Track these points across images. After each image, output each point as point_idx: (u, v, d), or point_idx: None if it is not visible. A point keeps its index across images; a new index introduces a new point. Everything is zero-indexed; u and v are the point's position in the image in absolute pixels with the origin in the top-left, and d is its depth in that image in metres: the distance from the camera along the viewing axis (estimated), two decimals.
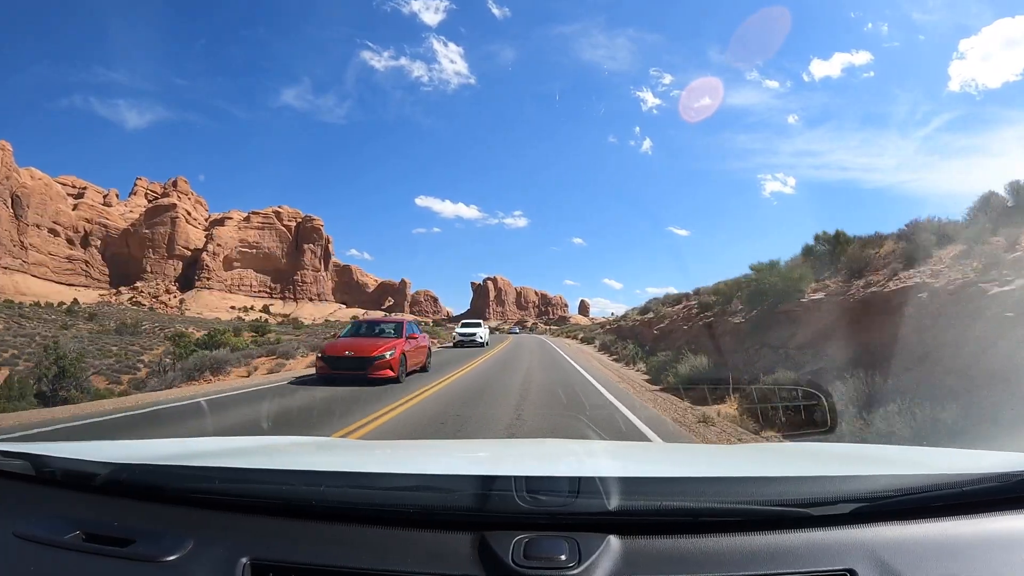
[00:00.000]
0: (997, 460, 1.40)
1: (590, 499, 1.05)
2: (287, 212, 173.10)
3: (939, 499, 1.10)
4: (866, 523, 1.06)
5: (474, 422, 6.83)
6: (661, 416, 7.70)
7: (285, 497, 1.14)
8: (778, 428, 6.43)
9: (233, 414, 7.45)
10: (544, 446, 2.58)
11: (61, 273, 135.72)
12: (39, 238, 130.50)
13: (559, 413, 7.52)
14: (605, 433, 5.96)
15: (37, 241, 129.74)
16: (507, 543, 1.00)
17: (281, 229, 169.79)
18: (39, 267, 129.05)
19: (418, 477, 1.24)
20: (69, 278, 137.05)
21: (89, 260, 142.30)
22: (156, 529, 1.10)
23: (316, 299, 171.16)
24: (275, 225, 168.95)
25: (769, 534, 1.04)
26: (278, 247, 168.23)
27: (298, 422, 6.96)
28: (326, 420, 6.86)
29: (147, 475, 1.22)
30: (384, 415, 7.12)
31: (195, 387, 12.74)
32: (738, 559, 1.00)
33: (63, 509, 1.18)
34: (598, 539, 1.02)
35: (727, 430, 6.69)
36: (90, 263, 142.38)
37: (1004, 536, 1.05)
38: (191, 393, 10.35)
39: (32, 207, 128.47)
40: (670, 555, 1.01)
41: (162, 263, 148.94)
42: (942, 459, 1.62)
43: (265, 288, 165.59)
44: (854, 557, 0.99)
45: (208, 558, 1.03)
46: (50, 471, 1.25)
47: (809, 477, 1.28)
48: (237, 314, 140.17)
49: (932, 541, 1.03)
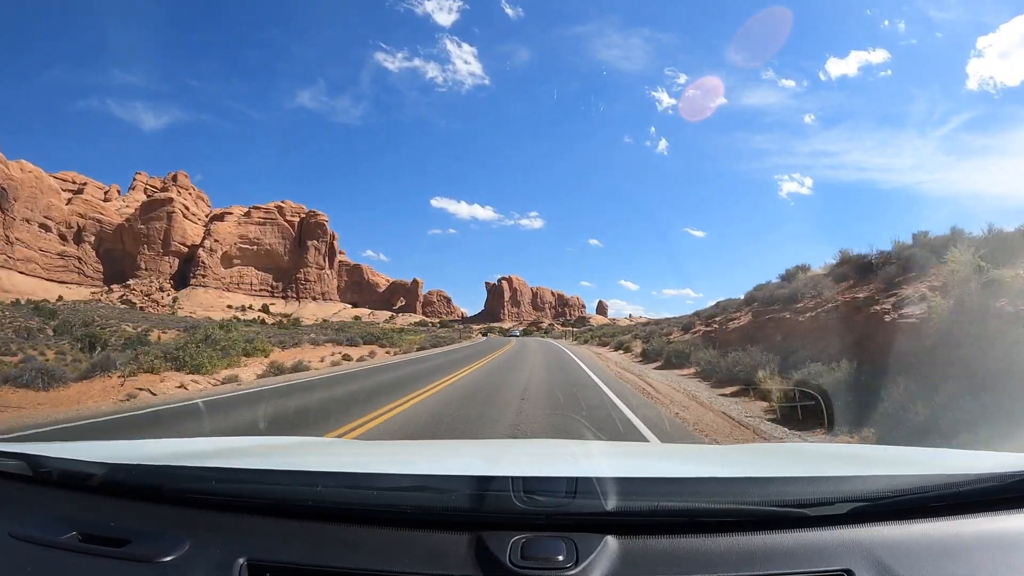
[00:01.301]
0: (994, 460, 1.40)
1: (587, 499, 1.05)
2: (290, 207, 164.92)
3: (936, 499, 1.10)
4: (864, 523, 1.06)
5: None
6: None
7: (282, 497, 1.14)
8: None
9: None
10: (542, 446, 2.59)
11: (52, 270, 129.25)
12: (28, 233, 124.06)
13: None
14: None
15: (26, 236, 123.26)
16: (504, 544, 1.00)
17: (284, 225, 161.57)
18: (27, 263, 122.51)
19: (415, 477, 1.23)
20: (60, 275, 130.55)
21: (82, 257, 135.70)
22: (153, 529, 1.09)
23: (320, 298, 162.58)
24: (277, 220, 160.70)
25: (767, 534, 1.04)
26: (280, 243, 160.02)
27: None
28: None
29: (144, 475, 1.22)
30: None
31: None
32: (736, 559, 1.00)
33: (59, 509, 1.17)
34: (596, 539, 1.01)
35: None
36: (83, 260, 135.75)
37: (1002, 536, 1.05)
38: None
39: (21, 200, 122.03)
40: (667, 555, 1.01)
41: (157, 260, 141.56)
42: (939, 459, 1.62)
43: (266, 287, 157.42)
44: (851, 557, 0.99)
45: (205, 558, 1.02)
46: (46, 471, 1.24)
47: (806, 477, 1.27)
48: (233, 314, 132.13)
49: (930, 541, 1.03)
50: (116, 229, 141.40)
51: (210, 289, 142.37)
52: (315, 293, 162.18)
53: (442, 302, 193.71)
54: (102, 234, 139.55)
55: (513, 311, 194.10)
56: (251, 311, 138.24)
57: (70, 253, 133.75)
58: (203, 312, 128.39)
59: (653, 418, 7.48)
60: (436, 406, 8.50)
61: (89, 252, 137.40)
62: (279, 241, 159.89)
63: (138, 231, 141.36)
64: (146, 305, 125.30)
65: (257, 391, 11.05)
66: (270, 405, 8.95)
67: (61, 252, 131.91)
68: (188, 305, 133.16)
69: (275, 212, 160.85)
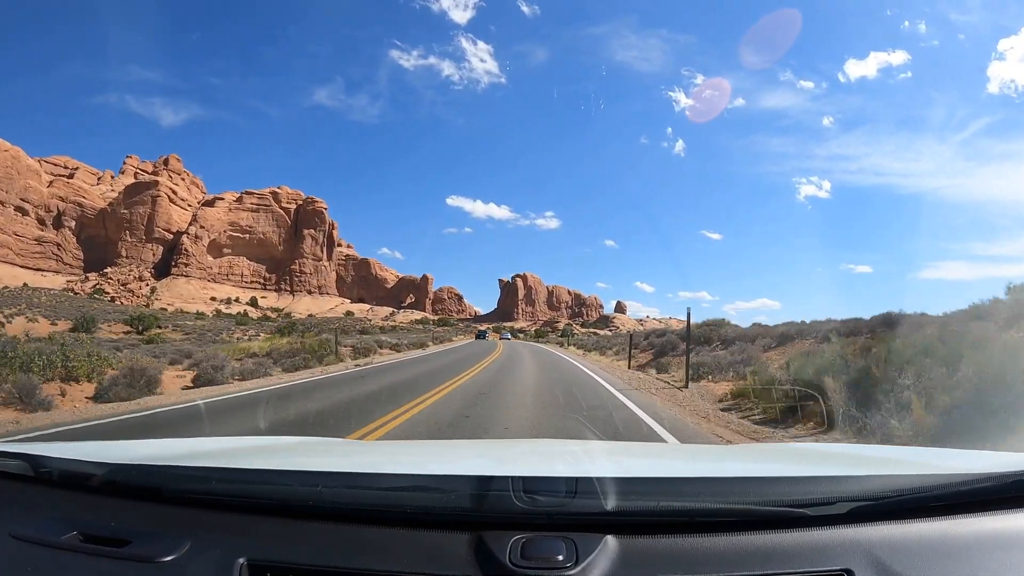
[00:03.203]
0: (994, 460, 1.40)
1: (587, 499, 1.04)
2: (286, 193, 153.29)
3: (936, 499, 1.09)
4: (863, 523, 1.05)
5: None
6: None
7: (282, 497, 1.14)
8: None
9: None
10: (542, 446, 2.54)
11: (28, 256, 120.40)
12: (2, 216, 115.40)
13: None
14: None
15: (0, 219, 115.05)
16: (504, 543, 1.00)
17: (279, 212, 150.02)
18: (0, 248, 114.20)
19: (415, 477, 1.22)
20: (37, 262, 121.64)
21: (62, 243, 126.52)
22: (153, 530, 1.09)
23: (316, 292, 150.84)
24: (272, 207, 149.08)
25: (766, 534, 1.03)
26: (275, 232, 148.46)
27: None
28: None
29: (144, 476, 1.22)
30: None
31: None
32: (735, 559, 1.00)
33: (60, 510, 1.17)
34: (596, 539, 1.01)
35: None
36: (63, 246, 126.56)
37: (1001, 536, 1.05)
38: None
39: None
40: (668, 555, 1.01)
41: (139, 247, 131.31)
42: (939, 459, 1.61)
43: (259, 278, 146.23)
44: (851, 557, 0.99)
45: (205, 558, 1.02)
46: (47, 471, 1.24)
47: (806, 477, 1.27)
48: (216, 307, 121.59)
49: (929, 541, 1.03)
50: (99, 214, 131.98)
51: (193, 279, 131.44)
52: (311, 286, 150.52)
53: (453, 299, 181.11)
54: (83, 219, 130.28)
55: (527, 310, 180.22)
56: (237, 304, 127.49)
57: (48, 239, 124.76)
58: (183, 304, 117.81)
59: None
60: None
61: (69, 238, 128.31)
62: (273, 229, 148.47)
63: (120, 216, 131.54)
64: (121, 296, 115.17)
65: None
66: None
67: (38, 237, 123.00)
68: (167, 296, 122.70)
69: (270, 198, 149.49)
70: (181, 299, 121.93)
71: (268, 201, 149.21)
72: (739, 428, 7.13)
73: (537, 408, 8.46)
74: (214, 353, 15.48)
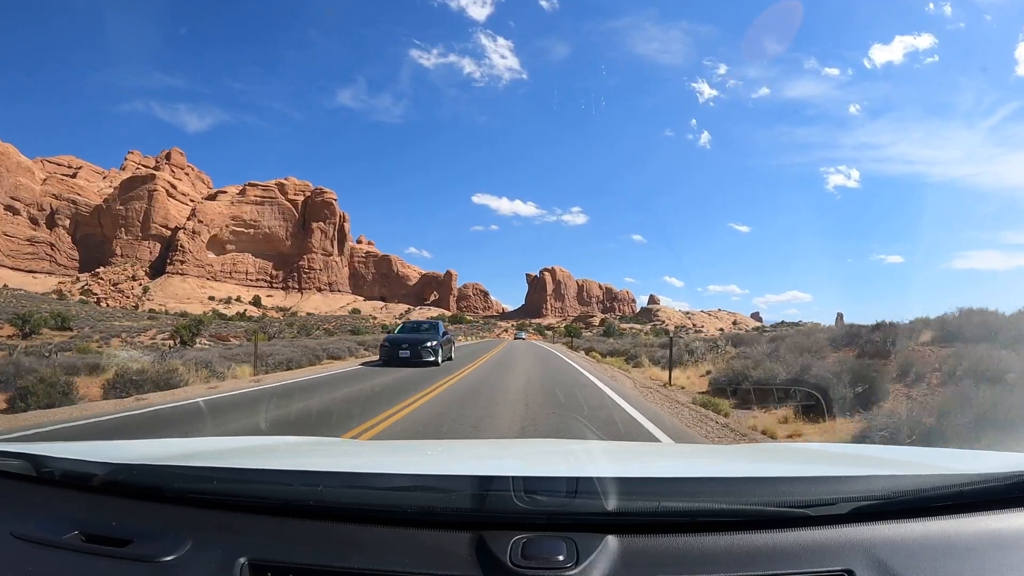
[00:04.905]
0: (996, 461, 1.40)
1: (588, 499, 1.04)
2: (293, 184, 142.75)
3: (938, 499, 1.09)
4: (865, 523, 1.05)
5: None
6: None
7: (283, 497, 1.14)
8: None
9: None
10: (542, 446, 2.55)
11: (19, 257, 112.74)
12: None
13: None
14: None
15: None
16: (505, 543, 1.00)
17: (285, 205, 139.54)
18: None
19: (415, 477, 1.23)
20: (29, 263, 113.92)
21: (55, 242, 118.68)
22: (154, 529, 1.09)
23: (327, 289, 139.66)
24: (278, 200, 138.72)
25: (767, 534, 1.03)
26: (281, 226, 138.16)
27: None
28: None
29: (145, 475, 1.22)
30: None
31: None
32: (736, 559, 1.00)
33: (61, 509, 1.17)
34: (596, 539, 1.01)
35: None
36: (56, 246, 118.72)
37: (1002, 536, 1.05)
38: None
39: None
40: (668, 555, 1.01)
41: (135, 245, 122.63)
42: (940, 459, 1.60)
43: (265, 276, 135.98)
44: (852, 557, 0.99)
45: (206, 558, 1.02)
46: (49, 471, 1.24)
47: (807, 477, 1.26)
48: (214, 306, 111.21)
49: (930, 541, 1.03)
50: (94, 211, 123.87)
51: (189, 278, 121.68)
52: (321, 283, 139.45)
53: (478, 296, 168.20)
54: (78, 217, 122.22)
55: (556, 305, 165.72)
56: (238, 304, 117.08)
57: (41, 238, 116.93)
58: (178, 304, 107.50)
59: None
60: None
61: (63, 237, 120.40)
62: (280, 223, 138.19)
63: (116, 212, 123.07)
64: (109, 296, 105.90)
65: None
66: None
67: (31, 238, 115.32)
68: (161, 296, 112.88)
69: (275, 190, 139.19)
70: (176, 299, 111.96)
71: (274, 193, 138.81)
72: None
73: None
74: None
